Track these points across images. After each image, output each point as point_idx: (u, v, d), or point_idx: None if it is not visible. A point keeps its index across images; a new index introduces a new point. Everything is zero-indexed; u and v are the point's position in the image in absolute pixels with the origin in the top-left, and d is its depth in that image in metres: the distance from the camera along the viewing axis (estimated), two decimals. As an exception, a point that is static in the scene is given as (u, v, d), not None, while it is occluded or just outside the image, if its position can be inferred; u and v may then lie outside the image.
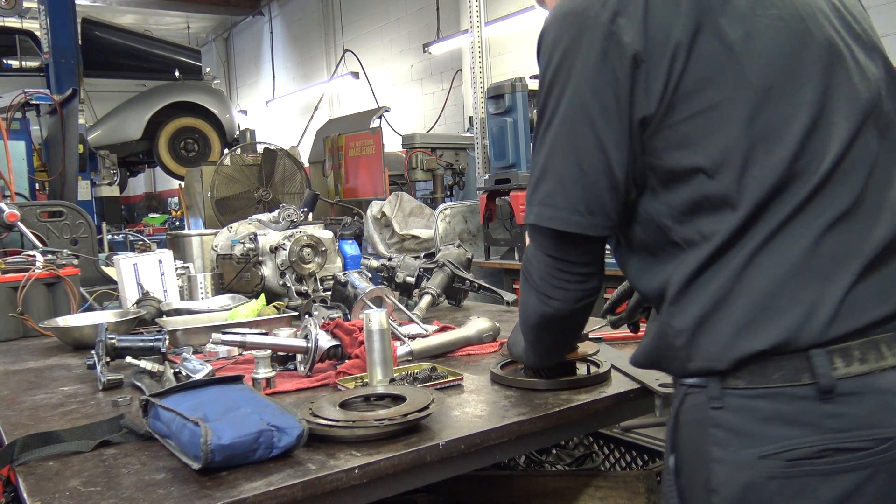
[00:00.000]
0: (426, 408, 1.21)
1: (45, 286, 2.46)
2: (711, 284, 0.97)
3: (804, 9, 1.00)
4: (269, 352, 1.57)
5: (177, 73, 9.74)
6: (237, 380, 1.35)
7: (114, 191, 8.16)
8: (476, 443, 1.21)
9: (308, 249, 2.48)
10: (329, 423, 1.18)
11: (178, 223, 10.03)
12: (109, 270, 3.00)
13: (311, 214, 5.01)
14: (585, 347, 1.53)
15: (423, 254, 2.64)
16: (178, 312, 2.34)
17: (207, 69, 10.56)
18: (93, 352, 1.74)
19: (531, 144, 4.14)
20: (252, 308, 2.23)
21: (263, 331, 1.86)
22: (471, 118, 6.41)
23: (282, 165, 6.19)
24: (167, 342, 1.73)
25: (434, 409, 1.22)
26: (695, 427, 0.99)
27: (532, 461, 2.15)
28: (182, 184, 8.09)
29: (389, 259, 2.54)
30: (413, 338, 1.82)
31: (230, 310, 2.27)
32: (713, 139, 0.95)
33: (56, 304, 2.47)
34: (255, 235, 2.57)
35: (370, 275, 2.37)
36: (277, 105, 13.24)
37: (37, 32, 8.27)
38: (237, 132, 9.47)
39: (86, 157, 6.43)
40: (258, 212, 3.95)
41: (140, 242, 3.35)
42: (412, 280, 2.43)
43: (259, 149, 6.40)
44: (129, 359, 1.66)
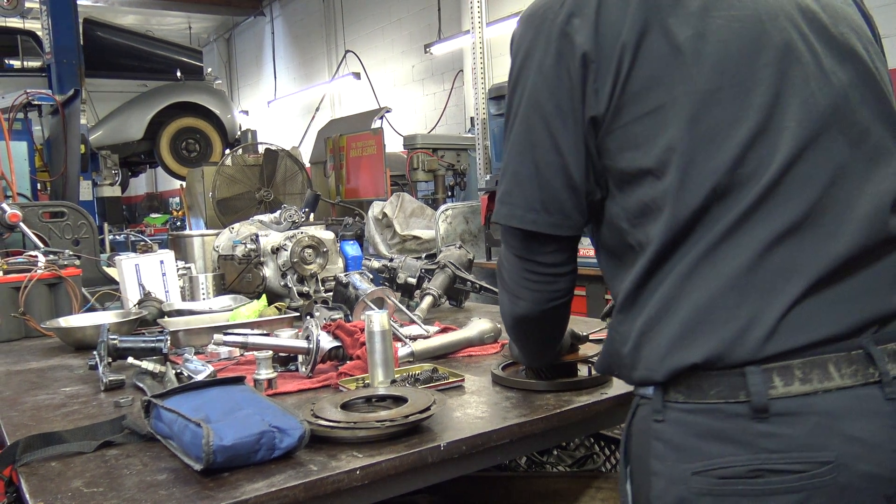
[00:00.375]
0: (427, 409, 1.21)
1: (47, 287, 2.46)
2: (656, 293, 0.96)
3: (766, 10, 0.97)
4: (271, 353, 1.57)
5: (178, 74, 9.74)
6: (239, 381, 1.35)
7: (115, 191, 8.17)
8: (477, 444, 1.21)
9: (309, 250, 2.48)
10: (330, 424, 1.18)
11: (180, 224, 10.03)
12: (111, 271, 3.01)
13: (313, 215, 5.01)
14: (586, 349, 1.54)
15: (425, 255, 2.64)
16: (180, 313, 2.34)
17: (209, 69, 10.57)
18: (94, 352, 1.74)
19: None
20: (253, 309, 2.23)
21: (265, 332, 1.86)
22: (472, 119, 6.41)
23: (283, 166, 6.19)
24: (169, 343, 1.73)
25: (435, 411, 1.22)
26: (641, 438, 0.98)
27: (533, 462, 2.15)
28: (183, 184, 8.09)
29: (391, 260, 2.54)
30: (414, 339, 1.82)
31: (232, 310, 2.27)
32: (658, 140, 0.94)
33: (58, 305, 2.48)
34: (257, 236, 2.57)
35: (371, 276, 2.37)
36: (279, 105, 13.24)
37: (39, 33, 8.28)
38: (238, 132, 9.48)
39: (87, 158, 6.44)
40: (259, 212, 3.95)
41: (142, 243, 3.35)
42: (413, 281, 2.43)
43: (260, 149, 6.40)
44: (131, 359, 1.67)
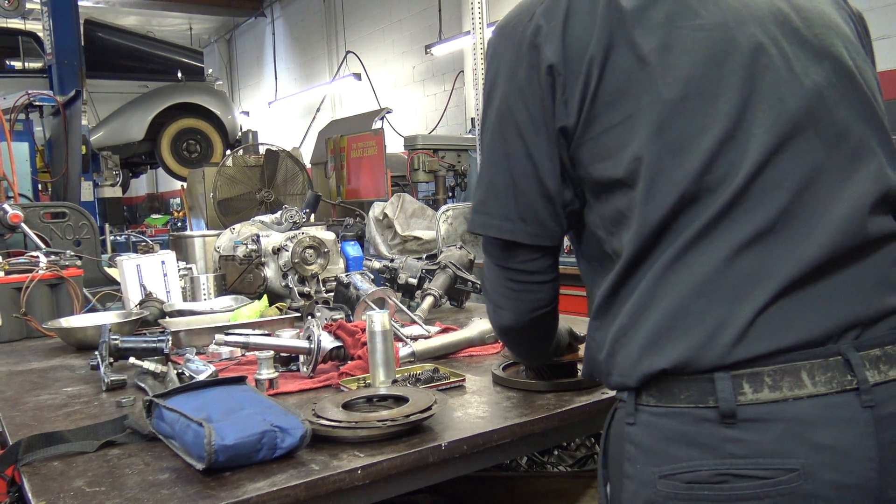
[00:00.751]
0: (428, 409, 1.22)
1: (49, 287, 2.46)
2: (628, 300, 0.96)
3: (733, 17, 0.96)
4: (272, 353, 1.57)
5: (179, 75, 9.74)
6: (240, 381, 1.35)
7: (116, 192, 8.17)
8: (478, 444, 1.22)
9: (310, 251, 2.48)
10: (332, 424, 1.18)
11: (181, 224, 10.03)
12: (112, 271, 3.01)
13: (314, 216, 5.01)
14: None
15: (426, 255, 2.64)
16: (181, 313, 2.34)
17: (210, 70, 10.56)
18: (96, 353, 1.74)
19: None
20: (255, 309, 2.23)
21: (266, 332, 1.87)
22: (473, 119, 6.40)
23: (284, 167, 6.19)
24: (170, 343, 1.74)
25: (436, 410, 1.22)
26: (616, 441, 0.99)
27: (534, 462, 2.15)
28: (184, 185, 8.09)
29: (391, 260, 2.54)
30: (415, 339, 1.82)
31: (233, 311, 2.28)
32: (627, 151, 0.95)
33: (59, 305, 2.48)
34: (258, 237, 2.58)
35: (372, 276, 2.37)
36: (279, 106, 13.24)
37: (40, 34, 8.29)
38: (239, 133, 9.47)
39: (88, 158, 6.44)
40: (260, 213, 3.96)
41: (143, 243, 3.35)
42: (414, 281, 2.43)
43: (261, 150, 6.40)
44: (133, 360, 1.67)
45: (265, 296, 2.41)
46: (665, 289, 0.93)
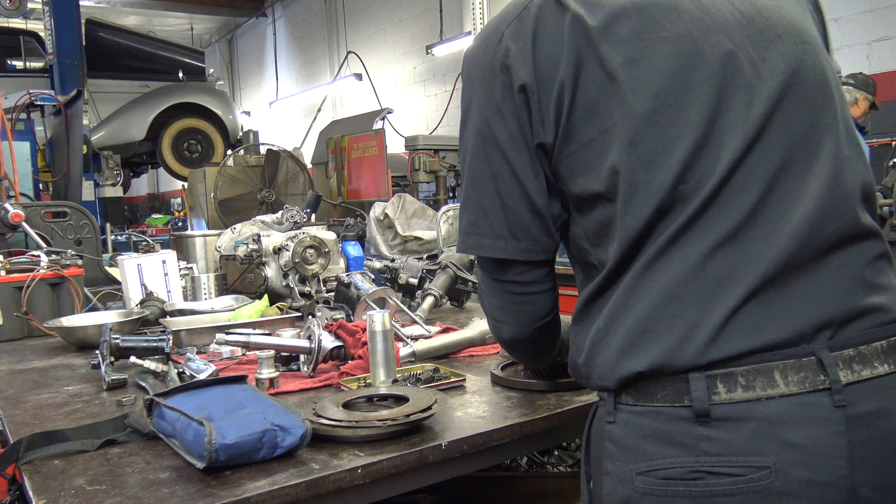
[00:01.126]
0: (429, 408, 1.22)
1: (50, 286, 2.47)
2: (605, 306, 0.98)
3: (698, 27, 0.96)
4: (273, 352, 1.58)
5: (180, 75, 9.75)
6: (241, 380, 1.35)
7: (117, 191, 8.18)
8: (478, 443, 1.22)
9: (311, 250, 2.49)
10: (332, 423, 1.18)
11: (182, 224, 10.04)
12: (113, 271, 3.01)
13: (314, 216, 5.02)
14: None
15: (426, 255, 2.65)
16: (182, 313, 2.35)
17: (211, 70, 10.57)
18: (97, 352, 1.74)
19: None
20: (255, 309, 2.24)
21: (267, 331, 1.87)
22: (474, 120, 6.40)
23: (285, 167, 6.19)
24: (171, 342, 1.74)
25: (436, 410, 1.22)
26: (597, 439, 1.02)
27: (534, 462, 2.15)
28: (185, 185, 8.09)
29: (392, 260, 2.54)
30: (416, 339, 1.82)
31: (233, 310, 2.28)
32: (603, 165, 0.96)
33: (60, 304, 2.48)
34: (259, 236, 2.58)
35: (373, 276, 2.37)
36: (280, 106, 13.25)
37: (41, 33, 8.29)
38: (240, 133, 9.48)
39: (89, 158, 6.45)
40: (261, 213, 3.97)
41: (144, 243, 3.35)
42: (415, 281, 2.43)
43: (262, 150, 6.40)
44: (133, 359, 1.67)
45: (266, 295, 2.42)
46: (639, 294, 0.95)
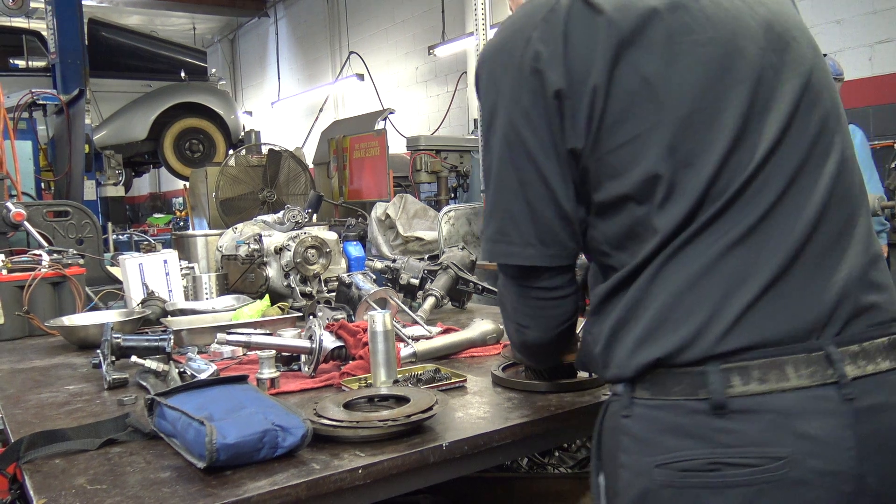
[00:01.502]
0: (429, 409, 1.22)
1: (51, 285, 2.47)
2: (624, 298, 1.00)
3: (724, 31, 0.99)
4: (274, 352, 1.58)
5: (182, 74, 9.75)
6: (242, 380, 1.35)
7: (119, 191, 8.19)
8: (479, 444, 1.22)
9: (312, 251, 2.49)
10: (333, 424, 1.18)
11: (183, 224, 10.04)
12: (114, 270, 3.01)
13: (316, 216, 5.02)
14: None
15: (427, 256, 2.65)
16: (183, 312, 2.35)
17: (213, 70, 10.58)
18: (98, 351, 1.74)
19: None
20: (256, 309, 2.24)
21: (268, 331, 1.87)
22: (475, 120, 6.41)
23: (286, 167, 6.20)
24: (172, 342, 1.74)
25: (437, 411, 1.22)
26: (611, 434, 1.03)
27: (535, 463, 2.15)
28: (187, 184, 8.10)
29: (393, 261, 2.54)
30: (417, 339, 1.82)
31: (235, 310, 2.28)
32: (637, 168, 0.97)
33: (61, 304, 2.48)
34: (260, 236, 2.58)
35: (374, 276, 2.37)
36: (282, 106, 13.25)
37: (43, 33, 8.31)
38: (242, 133, 9.49)
39: (91, 157, 6.45)
40: (263, 213, 3.96)
41: (145, 242, 3.35)
42: (416, 282, 2.43)
43: (264, 150, 6.41)
44: (135, 358, 1.67)
45: (267, 295, 2.41)
46: (660, 286, 0.97)
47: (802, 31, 1.06)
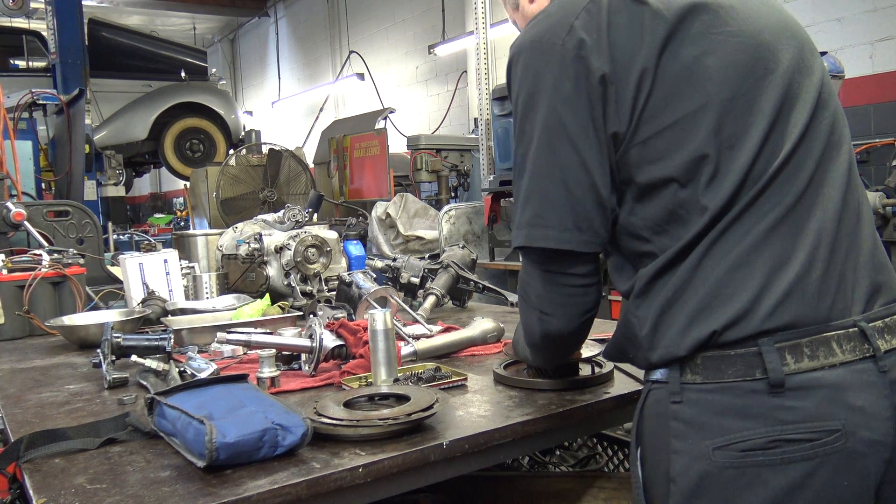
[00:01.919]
0: (430, 407, 1.21)
1: (51, 285, 2.47)
2: (673, 278, 1.03)
3: (752, 25, 1.07)
4: (274, 351, 1.57)
5: (183, 74, 9.75)
6: (242, 379, 1.35)
7: (119, 191, 8.19)
8: (480, 443, 1.21)
9: (313, 250, 2.48)
10: (333, 422, 1.18)
11: (184, 223, 10.05)
12: (115, 270, 3.01)
13: (316, 215, 5.02)
14: (588, 348, 1.53)
15: (428, 255, 2.64)
16: (183, 312, 2.34)
17: (213, 70, 10.59)
18: (98, 350, 1.74)
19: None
20: (257, 308, 2.23)
21: (268, 330, 1.87)
22: (476, 119, 6.40)
23: (287, 166, 6.21)
24: (172, 341, 1.74)
25: (438, 409, 1.22)
26: (656, 420, 1.05)
27: (536, 462, 2.15)
28: (187, 184, 8.11)
29: (394, 259, 2.54)
30: (417, 338, 1.82)
31: (235, 309, 2.28)
32: (683, 151, 1.02)
33: (62, 303, 2.48)
34: (261, 236, 2.58)
35: (375, 275, 2.37)
36: (283, 106, 13.25)
37: (44, 33, 8.31)
38: (242, 133, 9.49)
39: (92, 157, 6.46)
40: (263, 212, 3.96)
41: (145, 242, 3.36)
42: (417, 281, 2.43)
43: (264, 149, 6.42)
44: (135, 357, 1.67)
45: (267, 294, 2.41)
46: (711, 263, 1.01)
47: (807, 37, 1.15)
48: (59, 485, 1.06)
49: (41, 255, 2.54)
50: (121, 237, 7.92)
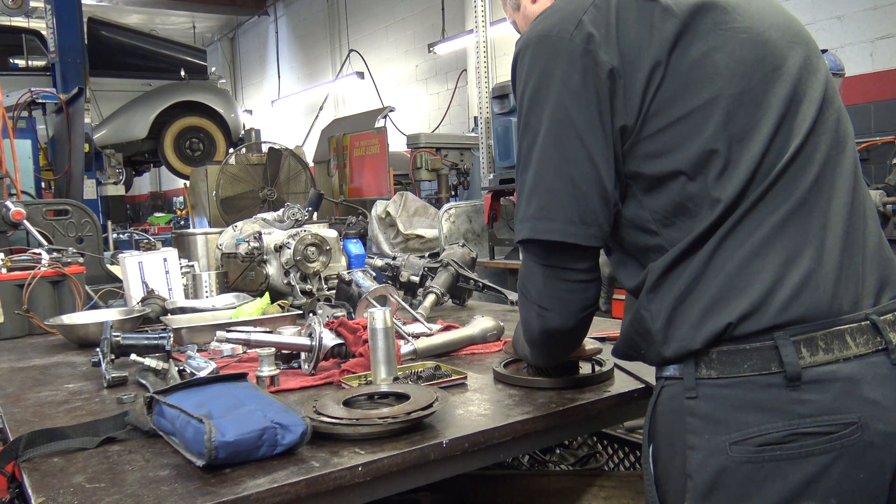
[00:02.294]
0: (430, 406, 1.21)
1: (51, 284, 2.47)
2: (686, 271, 1.03)
3: (758, 23, 1.09)
4: (273, 350, 1.57)
5: (182, 73, 9.75)
6: (241, 377, 1.35)
7: (119, 190, 8.19)
8: (479, 441, 1.21)
9: (312, 248, 2.48)
10: (333, 421, 1.18)
11: (183, 222, 10.05)
12: (114, 269, 3.01)
13: (316, 214, 5.02)
14: (589, 346, 1.53)
15: (428, 253, 2.64)
16: (183, 311, 2.34)
17: (213, 69, 10.58)
18: (97, 349, 1.74)
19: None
20: (256, 306, 2.23)
21: (267, 329, 1.86)
22: (476, 118, 6.40)
23: (287, 165, 6.20)
24: (171, 340, 1.74)
25: (438, 408, 1.22)
26: (671, 417, 1.05)
27: (535, 461, 2.15)
28: (187, 183, 8.11)
29: (394, 258, 2.54)
30: (417, 336, 1.82)
31: (234, 308, 2.27)
32: (692, 144, 1.03)
33: (61, 302, 2.48)
34: (260, 234, 2.57)
35: (374, 274, 2.37)
36: (282, 105, 13.25)
37: (43, 32, 8.30)
38: (242, 132, 9.48)
39: (91, 156, 6.45)
40: (263, 211, 3.96)
41: (145, 241, 3.35)
42: (416, 279, 2.43)
43: (264, 148, 6.41)
44: (134, 356, 1.67)
45: (267, 293, 2.41)
46: (724, 255, 1.01)
47: (809, 37, 1.16)
48: (58, 484, 1.06)
49: (41, 254, 2.54)
50: (120, 236, 7.92)
